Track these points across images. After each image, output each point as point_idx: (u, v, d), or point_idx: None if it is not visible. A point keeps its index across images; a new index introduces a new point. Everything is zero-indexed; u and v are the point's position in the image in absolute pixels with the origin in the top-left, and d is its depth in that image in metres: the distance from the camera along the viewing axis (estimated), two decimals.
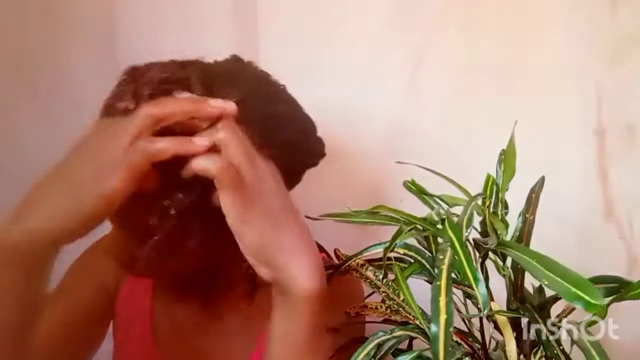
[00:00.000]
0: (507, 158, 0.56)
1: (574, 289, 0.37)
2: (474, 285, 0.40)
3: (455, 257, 0.41)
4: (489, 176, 0.57)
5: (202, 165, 0.44)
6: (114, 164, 0.42)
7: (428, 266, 0.54)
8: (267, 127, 0.51)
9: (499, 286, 0.55)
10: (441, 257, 0.42)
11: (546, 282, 0.39)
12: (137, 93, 0.50)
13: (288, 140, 0.54)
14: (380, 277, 0.55)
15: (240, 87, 0.52)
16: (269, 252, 0.47)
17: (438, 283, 0.40)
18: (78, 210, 0.43)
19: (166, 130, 0.45)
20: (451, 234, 0.43)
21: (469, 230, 0.45)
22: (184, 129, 0.46)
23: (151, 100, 0.48)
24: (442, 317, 0.38)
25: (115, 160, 0.42)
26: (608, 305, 0.46)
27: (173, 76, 0.50)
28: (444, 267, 0.40)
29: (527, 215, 0.53)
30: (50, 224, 0.43)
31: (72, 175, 0.44)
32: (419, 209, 0.58)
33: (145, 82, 0.50)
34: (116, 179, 0.42)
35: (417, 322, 0.52)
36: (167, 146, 0.43)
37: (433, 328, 0.38)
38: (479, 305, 0.42)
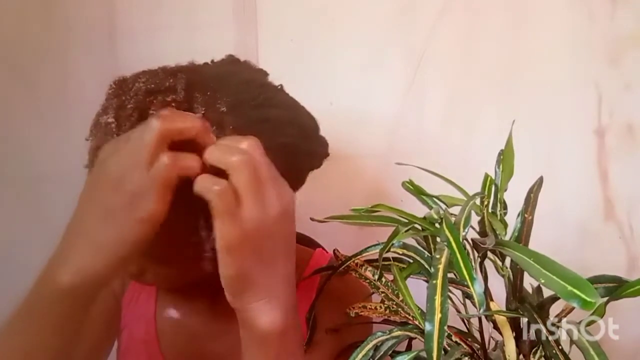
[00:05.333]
0: (505, 158, 0.56)
1: (570, 287, 0.37)
2: (470, 284, 0.39)
3: (452, 256, 0.41)
4: (487, 176, 0.57)
5: (202, 185, 0.42)
6: (143, 185, 0.41)
7: (427, 266, 0.54)
8: (262, 133, 0.48)
9: (498, 286, 0.55)
10: (438, 256, 0.42)
11: (543, 281, 0.39)
12: (121, 107, 0.49)
13: (287, 143, 0.53)
14: (378, 279, 0.55)
15: (231, 92, 0.51)
16: (238, 286, 0.45)
17: (434, 282, 0.40)
18: (120, 242, 0.42)
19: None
20: (448, 234, 0.43)
21: (466, 230, 0.45)
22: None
23: (135, 113, 0.48)
24: (437, 316, 0.38)
25: (143, 181, 0.41)
26: (606, 304, 0.46)
27: (159, 86, 0.49)
28: (441, 266, 0.40)
29: (526, 216, 0.53)
30: (97, 263, 0.42)
31: (103, 208, 0.42)
32: (419, 210, 0.58)
33: (131, 95, 0.49)
34: (152, 201, 0.41)
35: (416, 322, 0.52)
36: (195, 164, 0.42)
37: (427, 327, 0.38)
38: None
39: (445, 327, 0.38)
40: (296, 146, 0.55)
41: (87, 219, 0.43)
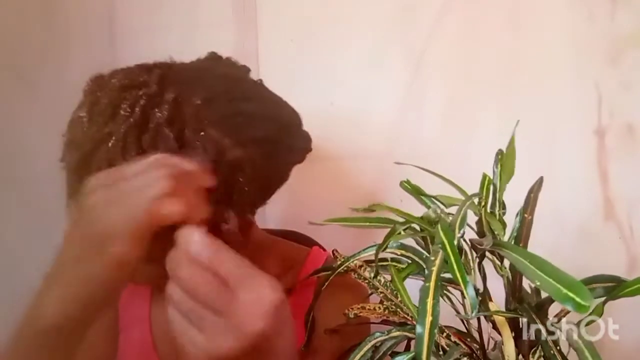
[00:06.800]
0: (505, 158, 0.56)
1: (564, 290, 0.37)
2: (463, 287, 0.39)
3: (447, 259, 0.41)
4: (484, 176, 0.57)
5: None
6: (118, 228, 0.40)
7: (425, 266, 0.54)
8: (237, 126, 0.50)
9: (497, 286, 0.55)
10: (433, 258, 0.41)
11: (538, 283, 0.38)
12: (95, 103, 0.50)
13: (264, 137, 0.52)
14: (373, 277, 0.55)
15: (206, 86, 0.51)
16: None
17: (427, 284, 0.40)
18: (90, 285, 0.41)
19: None
20: (442, 236, 0.43)
21: (462, 231, 0.45)
22: None
23: (108, 109, 0.49)
24: (428, 319, 0.38)
25: (120, 224, 0.41)
26: (604, 304, 0.46)
27: (133, 82, 0.50)
28: (434, 269, 0.40)
29: (526, 216, 0.53)
30: (73, 304, 0.42)
31: (78, 249, 0.42)
32: (419, 210, 0.58)
33: (106, 92, 0.49)
34: (120, 244, 0.40)
35: (415, 323, 0.52)
36: (179, 210, 0.41)
37: (418, 329, 0.38)
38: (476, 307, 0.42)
39: (436, 330, 0.38)
40: (276, 140, 0.54)
41: (65, 259, 0.43)
